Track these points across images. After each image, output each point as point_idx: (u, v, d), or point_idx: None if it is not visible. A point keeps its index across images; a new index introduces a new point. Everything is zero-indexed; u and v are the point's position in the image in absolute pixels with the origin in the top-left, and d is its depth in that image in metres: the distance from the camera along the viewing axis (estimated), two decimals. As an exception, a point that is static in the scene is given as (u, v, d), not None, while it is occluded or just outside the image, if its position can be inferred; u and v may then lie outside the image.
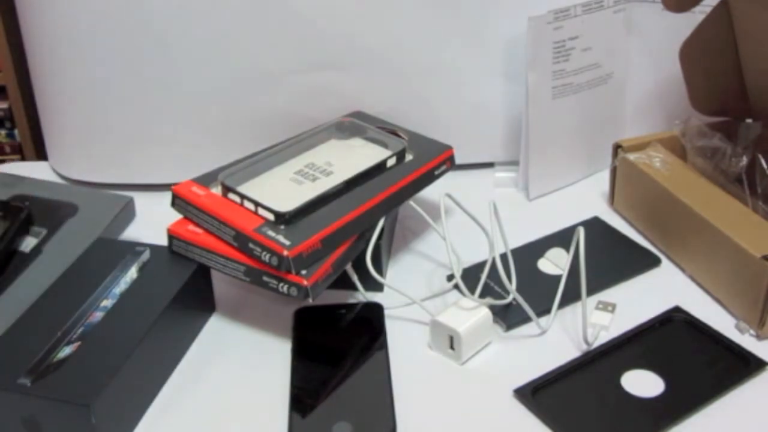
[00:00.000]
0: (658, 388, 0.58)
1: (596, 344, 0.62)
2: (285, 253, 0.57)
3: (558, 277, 0.68)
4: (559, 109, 0.81)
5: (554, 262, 0.71)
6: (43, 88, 0.86)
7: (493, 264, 0.67)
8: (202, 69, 0.80)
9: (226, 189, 0.63)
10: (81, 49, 0.80)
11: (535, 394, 0.57)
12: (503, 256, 0.70)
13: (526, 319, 0.64)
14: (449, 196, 0.69)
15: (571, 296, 0.66)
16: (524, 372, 0.59)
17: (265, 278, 0.59)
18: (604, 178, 0.81)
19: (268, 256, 0.58)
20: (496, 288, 0.67)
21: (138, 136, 0.83)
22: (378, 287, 0.68)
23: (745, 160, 0.71)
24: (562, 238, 0.74)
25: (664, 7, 0.75)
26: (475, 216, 0.69)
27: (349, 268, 0.66)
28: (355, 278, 0.66)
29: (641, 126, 0.87)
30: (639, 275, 0.70)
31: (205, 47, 0.79)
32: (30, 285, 0.65)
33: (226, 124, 0.83)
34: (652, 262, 0.72)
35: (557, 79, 0.80)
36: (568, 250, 0.67)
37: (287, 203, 0.61)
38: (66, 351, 0.54)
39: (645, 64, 0.85)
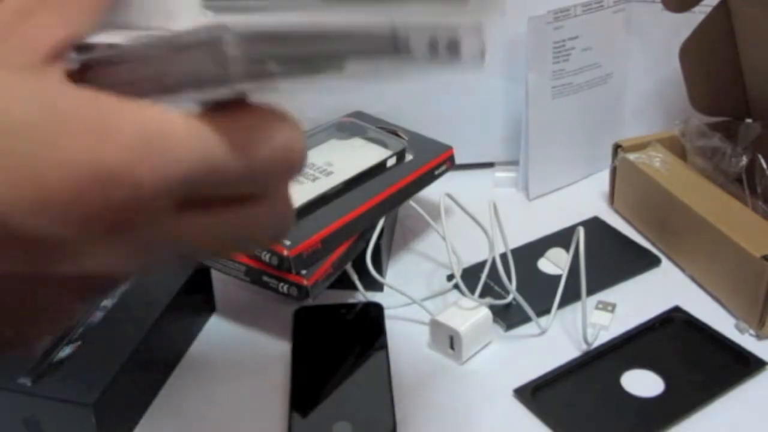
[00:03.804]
0: (658, 388, 0.58)
1: (596, 344, 0.62)
2: (285, 253, 0.57)
3: (558, 277, 0.68)
4: (559, 109, 0.81)
5: (554, 262, 0.71)
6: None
7: (493, 264, 0.67)
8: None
9: (226, 189, 0.63)
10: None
11: (535, 394, 0.57)
12: (503, 256, 0.70)
13: (526, 319, 0.64)
14: (449, 196, 0.69)
15: (571, 296, 0.66)
16: (524, 372, 0.59)
17: (265, 278, 0.59)
18: (604, 178, 0.81)
19: (268, 255, 0.58)
20: (496, 288, 0.67)
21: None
22: (378, 287, 0.68)
23: (745, 160, 0.71)
24: (562, 238, 0.74)
25: (664, 7, 0.75)
26: (475, 216, 0.69)
27: (349, 268, 0.66)
28: (355, 278, 0.66)
29: (641, 126, 0.86)
30: (639, 275, 0.70)
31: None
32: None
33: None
34: (652, 262, 0.72)
35: (557, 79, 0.80)
36: (568, 250, 0.67)
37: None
38: (66, 351, 0.54)
39: (645, 64, 0.85)
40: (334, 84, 0.24)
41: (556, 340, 0.63)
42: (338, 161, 0.68)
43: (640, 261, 0.72)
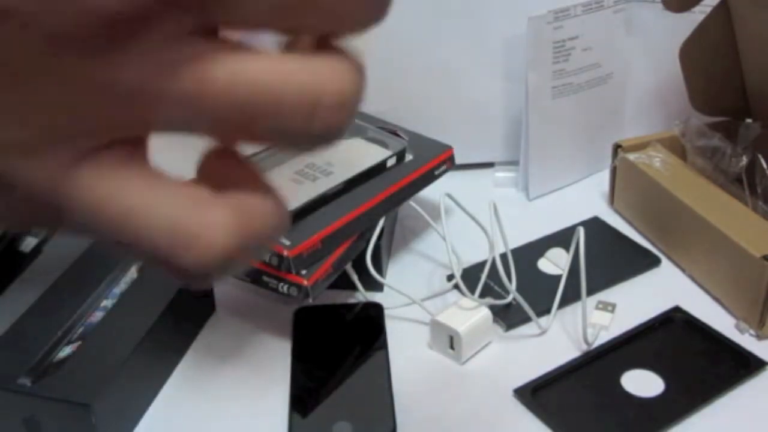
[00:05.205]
0: (658, 388, 0.58)
1: (596, 344, 0.62)
2: (285, 253, 0.57)
3: (558, 277, 0.68)
4: (559, 109, 0.81)
5: (554, 262, 0.71)
6: (43, 88, 0.86)
7: (493, 264, 0.67)
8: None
9: (226, 189, 0.63)
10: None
11: (535, 394, 0.57)
12: (503, 256, 0.70)
13: (526, 319, 0.64)
14: (449, 196, 0.69)
15: (571, 296, 0.66)
16: (524, 372, 0.59)
17: (265, 278, 0.59)
18: (604, 178, 0.81)
19: (268, 255, 0.58)
20: (496, 288, 0.67)
21: (138, 136, 0.83)
22: (378, 287, 0.68)
23: (745, 160, 0.71)
24: (562, 238, 0.74)
25: (664, 7, 0.75)
26: (475, 216, 0.69)
27: (349, 268, 0.66)
28: (355, 278, 0.66)
29: (641, 126, 0.86)
30: (639, 275, 0.70)
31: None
32: (30, 285, 0.65)
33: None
34: (652, 262, 0.72)
35: (557, 79, 0.80)
36: (568, 250, 0.67)
37: (287, 203, 0.61)
38: (66, 351, 0.54)
39: (645, 64, 0.85)
40: None
41: (556, 340, 0.63)
42: (338, 161, 0.68)
43: (640, 261, 0.72)
